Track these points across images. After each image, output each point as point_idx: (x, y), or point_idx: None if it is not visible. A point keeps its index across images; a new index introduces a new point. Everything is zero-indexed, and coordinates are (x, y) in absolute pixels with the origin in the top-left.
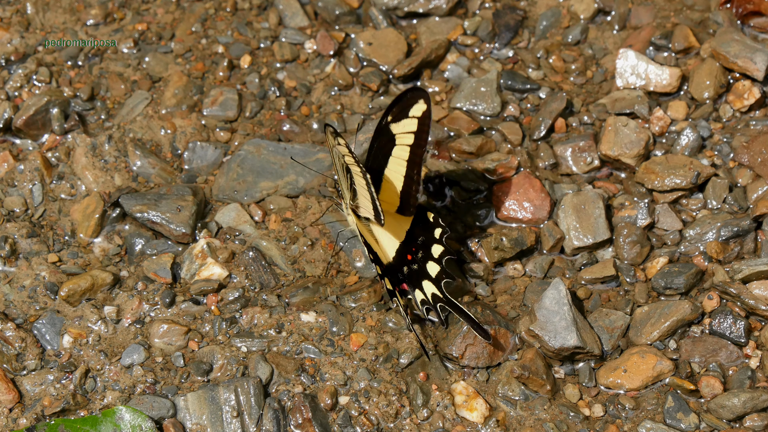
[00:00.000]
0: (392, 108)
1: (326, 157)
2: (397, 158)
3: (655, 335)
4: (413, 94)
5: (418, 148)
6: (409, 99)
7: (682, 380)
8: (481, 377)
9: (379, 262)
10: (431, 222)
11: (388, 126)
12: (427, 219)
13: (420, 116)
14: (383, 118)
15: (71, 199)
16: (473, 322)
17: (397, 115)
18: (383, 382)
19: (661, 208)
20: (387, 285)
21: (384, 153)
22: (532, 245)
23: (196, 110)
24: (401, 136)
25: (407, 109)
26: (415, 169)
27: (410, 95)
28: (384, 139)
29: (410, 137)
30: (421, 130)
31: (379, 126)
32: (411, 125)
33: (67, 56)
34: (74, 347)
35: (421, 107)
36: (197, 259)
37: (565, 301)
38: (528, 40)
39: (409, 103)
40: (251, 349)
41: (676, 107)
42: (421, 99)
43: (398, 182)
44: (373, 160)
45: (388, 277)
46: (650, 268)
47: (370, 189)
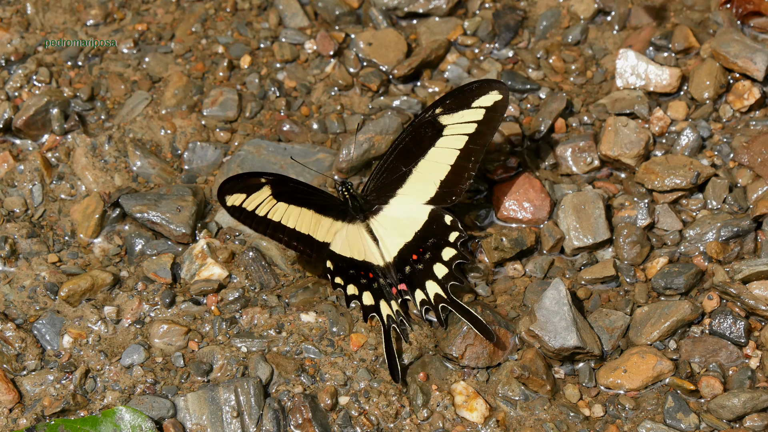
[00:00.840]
0: (447, 99)
1: (326, 157)
2: (443, 148)
3: (655, 335)
4: (483, 85)
5: (481, 138)
6: (475, 89)
7: (682, 380)
8: (481, 377)
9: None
10: (448, 225)
11: (436, 118)
12: (441, 222)
13: (490, 105)
14: (429, 111)
15: (71, 200)
16: (478, 322)
17: (453, 106)
18: (383, 382)
19: (661, 208)
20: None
21: (422, 145)
22: (532, 245)
23: (196, 110)
24: (455, 126)
25: (471, 100)
26: (472, 156)
27: (477, 86)
28: (424, 131)
29: (470, 126)
30: (490, 119)
31: (422, 119)
32: (473, 115)
33: (67, 56)
34: (74, 347)
35: (494, 97)
36: (197, 260)
37: (565, 302)
38: (528, 41)
39: (476, 93)
40: (251, 349)
41: (676, 107)
42: (495, 90)
43: (440, 171)
44: (400, 154)
45: (369, 291)
46: (650, 268)
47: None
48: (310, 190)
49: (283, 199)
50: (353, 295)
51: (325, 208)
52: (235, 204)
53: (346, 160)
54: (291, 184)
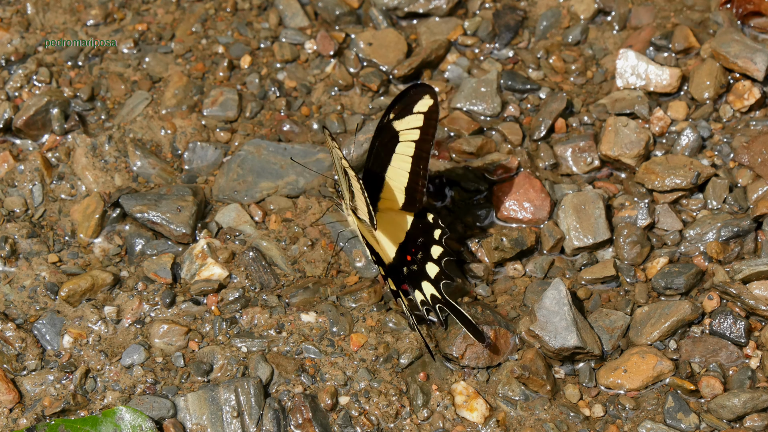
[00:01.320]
0: (395, 105)
1: (326, 157)
2: (401, 155)
3: (655, 335)
4: (418, 90)
5: (425, 143)
6: (413, 95)
7: (682, 380)
8: (482, 377)
9: (381, 262)
10: (431, 223)
11: (391, 123)
12: (426, 220)
13: (426, 111)
14: (385, 116)
15: (71, 200)
16: (470, 324)
17: (400, 112)
18: (383, 382)
19: (662, 208)
20: (391, 285)
21: (386, 151)
22: (533, 245)
23: (196, 110)
24: (405, 132)
25: (411, 105)
26: (421, 164)
27: (414, 91)
28: (386, 137)
29: (415, 133)
30: (428, 125)
31: (381, 124)
32: (416, 121)
33: (68, 56)
34: (74, 347)
35: (427, 102)
36: (197, 260)
37: (566, 302)
38: (528, 41)
39: (414, 99)
40: (251, 349)
41: (676, 107)
42: (426, 94)
43: (403, 179)
44: (375, 159)
45: (391, 278)
46: (650, 268)
47: (364, 194)
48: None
49: None
50: (384, 276)
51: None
52: None
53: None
54: None
